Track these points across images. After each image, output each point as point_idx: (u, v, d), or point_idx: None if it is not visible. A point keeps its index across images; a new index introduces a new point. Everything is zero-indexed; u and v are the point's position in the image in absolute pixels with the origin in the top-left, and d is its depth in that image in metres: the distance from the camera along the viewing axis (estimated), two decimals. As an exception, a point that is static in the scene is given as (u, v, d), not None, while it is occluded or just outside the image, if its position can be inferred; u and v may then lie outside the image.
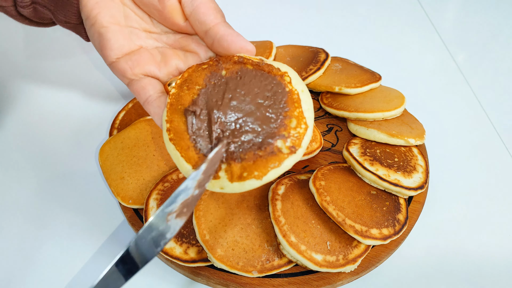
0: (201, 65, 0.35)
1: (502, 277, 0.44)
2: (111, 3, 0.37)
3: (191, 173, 0.31)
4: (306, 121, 0.32)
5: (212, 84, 0.34)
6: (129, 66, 0.37)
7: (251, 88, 0.33)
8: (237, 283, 0.41)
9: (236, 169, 0.32)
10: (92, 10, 0.37)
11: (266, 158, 0.31)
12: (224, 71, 0.34)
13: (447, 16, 0.88)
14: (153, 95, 0.36)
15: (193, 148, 0.32)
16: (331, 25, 0.82)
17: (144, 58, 0.37)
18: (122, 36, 0.37)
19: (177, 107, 0.34)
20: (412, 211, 0.47)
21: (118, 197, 0.46)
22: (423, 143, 0.54)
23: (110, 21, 0.37)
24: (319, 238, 0.41)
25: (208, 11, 0.35)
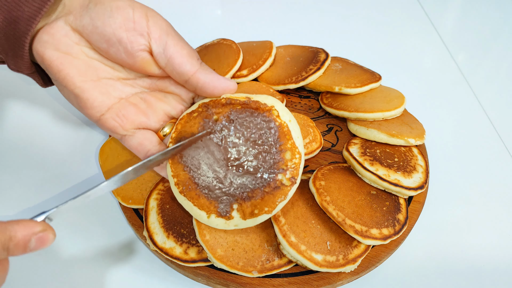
0: (192, 114, 0.36)
1: (502, 277, 0.44)
2: (76, 60, 0.35)
3: (203, 220, 0.35)
4: (298, 150, 0.36)
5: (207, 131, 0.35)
6: (119, 124, 0.36)
7: (245, 130, 0.35)
8: (237, 283, 0.41)
9: (247, 208, 0.35)
10: (59, 72, 0.34)
11: (273, 193, 0.35)
12: (215, 116, 0.35)
13: (447, 16, 0.88)
14: (152, 149, 0.36)
15: (203, 196, 0.35)
16: (331, 25, 0.82)
17: (130, 112, 0.36)
18: (98, 92, 0.35)
19: (179, 159, 0.35)
20: (412, 211, 0.47)
21: (118, 197, 0.46)
22: (423, 143, 0.54)
23: (81, 80, 0.35)
24: (319, 238, 0.41)
25: (183, 61, 0.34)
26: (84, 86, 0.35)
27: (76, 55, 0.35)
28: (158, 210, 0.44)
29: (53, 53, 0.34)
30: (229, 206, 0.35)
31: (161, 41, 0.34)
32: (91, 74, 0.35)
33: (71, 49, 0.35)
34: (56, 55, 0.34)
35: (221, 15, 0.85)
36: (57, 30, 0.34)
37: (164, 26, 0.35)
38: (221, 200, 0.35)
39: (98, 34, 0.34)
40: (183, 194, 0.35)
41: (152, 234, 0.42)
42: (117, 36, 0.33)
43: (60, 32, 0.34)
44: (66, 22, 0.34)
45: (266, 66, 0.61)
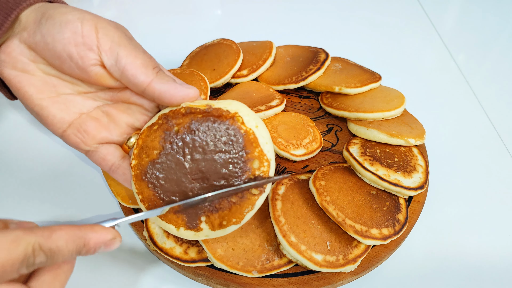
0: (152, 127, 0.35)
1: (502, 277, 0.44)
2: (33, 78, 0.34)
3: (174, 232, 0.35)
4: (267, 157, 0.34)
5: (168, 146, 0.34)
6: (80, 140, 0.36)
7: (208, 141, 0.34)
8: (237, 283, 0.41)
9: (215, 220, 0.34)
10: (18, 91, 0.34)
11: (240, 204, 0.34)
12: (176, 127, 0.34)
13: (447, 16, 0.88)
14: (116, 163, 0.36)
15: (170, 211, 0.35)
16: (331, 25, 0.82)
17: (91, 127, 0.36)
18: (57, 109, 0.35)
19: (142, 177, 0.35)
20: (412, 211, 0.47)
21: (118, 197, 0.46)
22: (423, 143, 0.54)
23: (39, 97, 0.34)
24: (319, 238, 0.41)
25: (137, 72, 0.33)
26: (42, 104, 0.35)
27: (33, 73, 0.34)
28: (158, 210, 0.44)
29: (10, 72, 0.34)
30: (197, 219, 0.35)
31: (112, 53, 0.33)
32: (49, 91, 0.35)
33: (28, 66, 0.34)
34: (14, 73, 0.34)
35: (221, 15, 0.85)
36: (12, 49, 0.34)
37: (116, 37, 0.33)
38: (189, 213, 0.35)
39: (49, 51, 0.33)
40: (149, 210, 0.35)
41: (152, 234, 0.42)
42: (67, 52, 0.33)
43: (16, 50, 0.34)
44: (21, 40, 0.34)
45: (266, 66, 0.61)
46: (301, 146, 0.52)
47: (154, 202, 0.35)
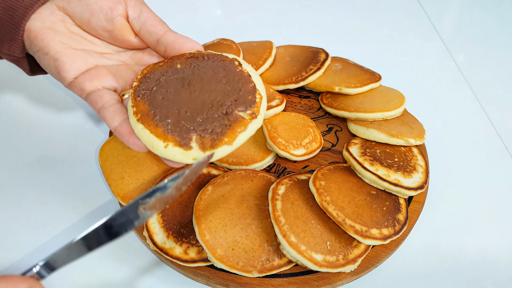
0: (158, 64, 0.39)
1: (502, 277, 0.44)
2: (58, 33, 0.38)
3: (159, 150, 0.34)
4: (260, 92, 0.37)
5: (169, 75, 0.38)
6: (87, 79, 0.38)
7: (207, 72, 0.38)
8: (237, 283, 0.41)
9: (206, 140, 0.34)
10: (43, 40, 0.38)
11: (232, 125, 0.35)
12: (179, 65, 0.38)
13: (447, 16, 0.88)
14: (110, 101, 0.37)
15: (161, 126, 0.35)
16: (331, 25, 0.82)
17: (101, 72, 0.39)
18: (77, 57, 0.38)
19: (140, 95, 0.37)
20: (412, 211, 0.47)
21: (118, 197, 0.46)
22: (423, 143, 0.54)
23: (63, 46, 0.38)
24: (319, 238, 0.41)
25: (155, 23, 0.39)
26: (65, 51, 0.38)
27: (59, 29, 0.39)
28: (158, 210, 0.44)
29: (38, 24, 0.38)
30: (188, 137, 0.34)
31: (136, 8, 0.39)
32: (72, 43, 0.39)
33: (55, 25, 0.38)
34: (42, 26, 0.38)
35: (221, 15, 0.85)
36: (43, 9, 0.38)
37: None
38: (180, 131, 0.34)
39: (81, 5, 0.38)
40: (140, 122, 0.35)
41: (152, 234, 0.42)
42: (99, 4, 0.38)
43: (46, 11, 0.38)
44: (52, 2, 0.38)
45: (266, 66, 0.61)
46: (301, 146, 0.52)
47: (147, 115, 0.35)
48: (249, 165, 0.50)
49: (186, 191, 0.46)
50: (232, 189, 0.45)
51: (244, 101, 0.36)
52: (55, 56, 0.38)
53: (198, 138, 0.34)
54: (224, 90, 0.36)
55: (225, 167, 0.50)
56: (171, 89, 0.37)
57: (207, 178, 0.48)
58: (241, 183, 0.46)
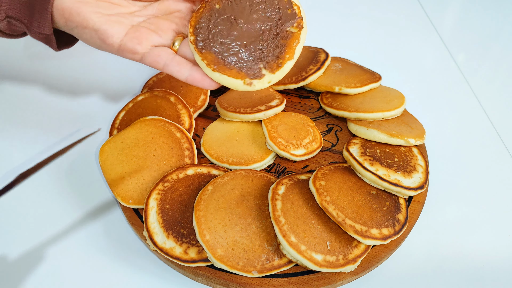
0: (198, 11, 0.41)
1: (502, 277, 0.44)
2: (89, 4, 0.40)
3: (241, 87, 0.39)
4: (295, 2, 0.42)
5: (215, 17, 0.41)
6: (136, 43, 0.40)
7: (243, 3, 0.41)
8: (237, 283, 0.41)
9: (272, 63, 0.39)
10: (79, 15, 0.40)
11: (287, 42, 0.40)
12: (217, 5, 0.41)
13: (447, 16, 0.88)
14: (168, 57, 0.40)
15: (233, 67, 0.39)
16: (331, 25, 0.82)
17: (143, 33, 0.41)
18: (114, 22, 0.40)
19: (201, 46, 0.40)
20: (412, 211, 0.47)
21: (118, 197, 0.46)
22: (423, 143, 0.54)
23: (98, 16, 0.40)
24: (319, 238, 0.41)
25: None
26: (101, 20, 0.40)
27: (89, 1, 0.40)
28: (158, 210, 0.44)
29: (70, 2, 0.40)
30: (257, 68, 0.39)
31: None
32: (104, 11, 0.41)
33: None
34: (73, 2, 0.40)
35: (221, 15, 0.85)
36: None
37: None
38: (249, 66, 0.39)
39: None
40: (216, 70, 0.39)
41: (152, 234, 0.42)
42: None
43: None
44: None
45: (266, 66, 0.61)
46: (301, 146, 0.52)
47: (218, 63, 0.39)
48: (249, 165, 0.50)
49: (186, 191, 0.46)
50: (232, 189, 0.45)
51: (286, 17, 0.40)
52: (95, 26, 0.40)
53: (265, 64, 0.39)
54: (265, 14, 0.40)
55: (225, 167, 0.50)
56: (224, 31, 0.40)
57: (207, 178, 0.48)
58: (241, 183, 0.46)
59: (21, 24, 0.41)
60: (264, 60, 0.39)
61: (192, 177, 0.47)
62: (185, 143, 0.51)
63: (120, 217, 0.48)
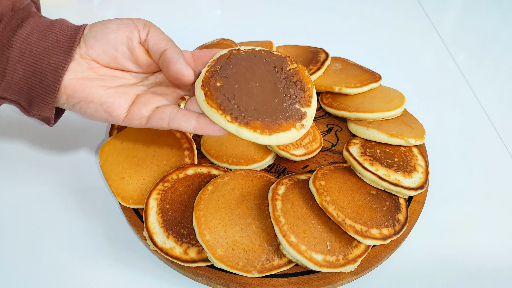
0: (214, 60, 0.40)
1: (502, 277, 0.44)
2: (92, 79, 0.39)
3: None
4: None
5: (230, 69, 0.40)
6: (142, 107, 0.39)
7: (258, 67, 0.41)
8: (237, 283, 0.41)
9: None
10: (83, 91, 0.38)
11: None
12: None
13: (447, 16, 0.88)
14: (173, 111, 0.39)
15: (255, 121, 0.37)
16: (331, 25, 0.82)
17: (149, 97, 0.40)
18: (120, 93, 0.39)
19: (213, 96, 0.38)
20: (412, 211, 0.47)
21: (118, 197, 0.46)
22: (423, 143, 0.54)
23: (103, 89, 0.39)
24: (319, 238, 0.41)
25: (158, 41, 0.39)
26: (108, 92, 0.39)
27: (92, 77, 0.39)
28: (158, 210, 0.44)
29: (72, 77, 0.38)
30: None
31: (145, 29, 0.40)
32: (108, 84, 0.40)
33: (86, 73, 0.39)
34: (76, 78, 0.38)
35: (221, 15, 0.85)
36: (73, 65, 0.39)
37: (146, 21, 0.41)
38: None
39: (103, 45, 0.39)
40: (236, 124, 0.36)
41: (152, 234, 0.42)
42: (118, 38, 0.39)
43: (73, 63, 0.39)
44: (75, 53, 0.39)
45: (266, 66, 0.61)
46: (301, 146, 0.52)
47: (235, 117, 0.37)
48: (249, 165, 0.50)
49: (186, 191, 0.46)
50: (232, 189, 0.45)
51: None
52: (101, 100, 0.39)
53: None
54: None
55: (225, 167, 0.50)
56: (239, 85, 0.39)
57: (207, 178, 0.48)
58: (241, 183, 0.46)
59: (17, 105, 0.39)
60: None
61: (192, 177, 0.47)
62: (185, 143, 0.51)
63: (120, 217, 0.48)
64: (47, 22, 0.38)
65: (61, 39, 0.38)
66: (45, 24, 0.38)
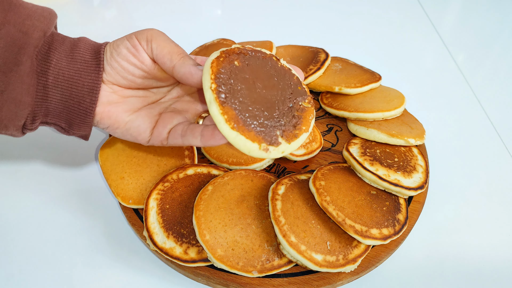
0: (218, 59, 0.39)
1: (502, 277, 0.44)
2: (117, 104, 0.40)
3: (256, 152, 0.36)
4: (302, 81, 0.42)
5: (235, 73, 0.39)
6: (162, 129, 0.40)
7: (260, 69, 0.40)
8: (237, 283, 0.41)
9: (289, 133, 0.38)
10: (110, 118, 0.40)
11: (303, 114, 0.39)
12: (236, 62, 0.39)
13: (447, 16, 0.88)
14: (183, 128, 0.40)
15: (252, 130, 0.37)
16: (331, 25, 0.82)
17: (167, 117, 0.41)
18: (143, 117, 0.41)
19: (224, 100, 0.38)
20: (412, 211, 0.47)
21: (118, 197, 0.47)
22: (423, 143, 0.54)
23: (127, 114, 0.40)
24: (319, 238, 0.41)
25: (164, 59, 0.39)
26: (132, 117, 0.40)
27: (116, 101, 0.40)
28: (158, 210, 0.44)
29: (99, 107, 0.39)
30: (274, 135, 0.37)
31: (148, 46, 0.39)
32: (132, 107, 0.41)
33: (110, 97, 0.40)
34: (102, 106, 0.40)
35: (221, 15, 0.85)
36: None
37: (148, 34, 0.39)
38: (266, 130, 0.37)
39: (120, 72, 0.39)
40: (236, 130, 0.36)
41: (152, 234, 0.42)
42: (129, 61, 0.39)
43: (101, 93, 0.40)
44: None
45: (266, 66, 0.61)
46: (301, 146, 0.52)
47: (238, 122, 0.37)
48: (249, 165, 0.50)
49: (186, 191, 0.46)
50: (232, 189, 0.45)
51: (297, 92, 0.40)
52: (126, 127, 0.40)
53: (282, 133, 0.38)
54: (279, 85, 0.40)
55: (225, 167, 0.50)
56: (244, 90, 0.38)
57: (207, 178, 0.48)
58: (241, 183, 0.46)
59: (57, 127, 0.41)
60: (281, 128, 0.38)
61: (192, 177, 0.47)
62: (185, 143, 0.51)
63: (120, 217, 0.48)
64: (70, 42, 0.39)
65: (87, 59, 0.38)
66: (69, 45, 0.39)
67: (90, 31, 0.76)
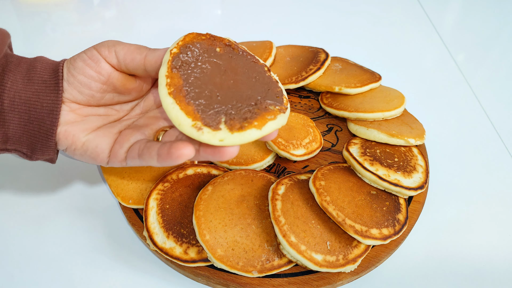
0: (200, 35, 0.38)
1: (502, 277, 0.44)
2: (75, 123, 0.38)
3: (187, 128, 0.32)
4: (286, 97, 0.38)
5: (209, 55, 0.37)
6: (119, 148, 0.38)
7: (241, 66, 0.38)
8: (237, 283, 0.41)
9: (235, 122, 0.33)
10: (67, 138, 0.38)
11: (262, 112, 0.34)
12: (218, 49, 0.37)
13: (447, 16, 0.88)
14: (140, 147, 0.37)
15: (192, 104, 0.33)
16: (331, 25, 0.82)
17: (126, 135, 0.39)
18: (102, 137, 0.38)
19: (176, 69, 0.35)
20: (412, 211, 0.47)
21: (118, 197, 0.46)
22: (423, 143, 0.54)
23: (85, 134, 0.38)
24: (319, 238, 0.41)
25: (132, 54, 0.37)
26: (89, 137, 0.38)
27: (74, 120, 0.38)
28: (158, 210, 0.44)
29: (59, 127, 0.37)
30: (216, 117, 0.33)
31: (111, 52, 0.37)
32: (90, 126, 0.39)
33: (68, 117, 0.38)
34: (60, 127, 0.37)
35: (221, 15, 0.85)
36: None
37: (110, 42, 0.38)
38: (210, 112, 0.33)
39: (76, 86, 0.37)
40: (172, 96, 0.33)
41: (152, 234, 0.42)
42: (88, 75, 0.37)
43: None
44: None
45: (266, 66, 0.61)
46: (301, 146, 0.52)
47: (180, 90, 0.34)
48: (249, 165, 0.50)
49: (186, 191, 0.46)
50: (232, 189, 0.45)
51: (272, 98, 0.36)
52: (84, 147, 0.38)
53: (226, 119, 0.33)
54: (254, 87, 0.36)
55: (225, 167, 0.50)
56: (208, 71, 0.35)
57: (207, 178, 0.48)
58: (241, 183, 0.46)
59: (19, 153, 0.39)
60: (229, 116, 0.33)
61: (192, 177, 0.47)
62: (185, 143, 0.51)
63: (120, 217, 0.48)
64: (26, 63, 0.37)
65: (46, 78, 0.36)
66: (26, 66, 0.37)
67: (90, 31, 0.76)
